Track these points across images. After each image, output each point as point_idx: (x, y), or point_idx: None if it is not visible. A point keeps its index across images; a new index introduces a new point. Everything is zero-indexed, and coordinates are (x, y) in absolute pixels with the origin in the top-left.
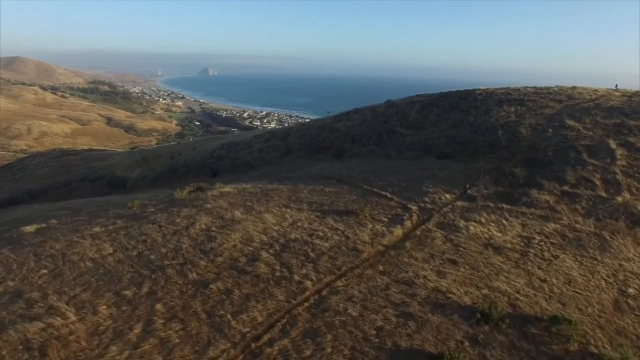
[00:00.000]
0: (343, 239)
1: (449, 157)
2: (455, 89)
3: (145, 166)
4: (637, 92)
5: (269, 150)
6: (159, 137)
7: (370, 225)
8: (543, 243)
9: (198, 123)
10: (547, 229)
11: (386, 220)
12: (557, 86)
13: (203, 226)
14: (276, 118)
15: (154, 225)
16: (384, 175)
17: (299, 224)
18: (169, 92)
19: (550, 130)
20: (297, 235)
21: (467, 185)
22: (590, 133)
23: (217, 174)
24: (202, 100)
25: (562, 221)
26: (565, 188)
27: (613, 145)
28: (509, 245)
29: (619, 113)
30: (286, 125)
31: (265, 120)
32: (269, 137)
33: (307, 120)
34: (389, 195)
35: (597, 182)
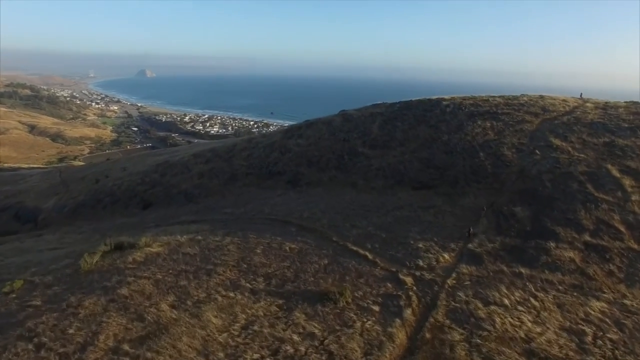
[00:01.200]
0: (324, 359)
1: (428, 188)
2: (417, 98)
3: (64, 193)
4: (607, 103)
5: (210, 175)
6: (92, 145)
7: (358, 324)
8: (600, 342)
9: (135, 129)
10: (593, 312)
11: (377, 309)
12: (525, 96)
13: (110, 343)
14: (219, 121)
15: (28, 346)
16: (355, 218)
17: (256, 327)
18: (103, 96)
19: (537, 152)
20: (256, 357)
21: (469, 233)
22: (582, 155)
23: (149, 206)
24: (139, 104)
25: (605, 295)
26: (587, 238)
27: (615, 172)
28: (556, 350)
29: (604, 130)
30: (230, 129)
31: (207, 124)
32: (211, 157)
33: (251, 122)
34: (369, 256)
35: (621, 228)
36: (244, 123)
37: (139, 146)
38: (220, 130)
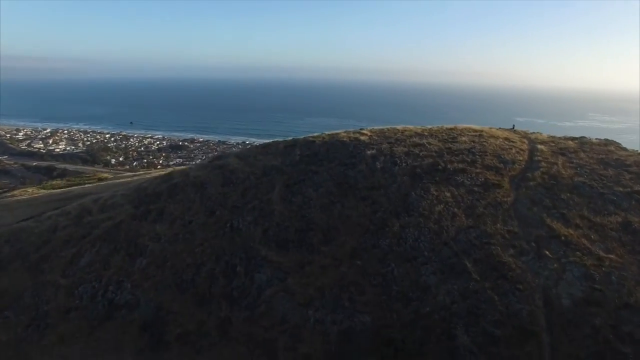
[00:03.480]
0: None
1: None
2: (318, 135)
3: None
4: (559, 144)
5: None
6: None
7: None
8: None
9: None
10: None
11: None
12: (442, 127)
13: None
14: (66, 136)
15: None
16: None
17: None
18: None
19: (547, 253)
20: None
21: None
22: (613, 257)
23: None
24: None
25: None
26: None
27: None
28: None
29: (601, 198)
30: (81, 145)
31: (50, 141)
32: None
33: (107, 135)
34: None
35: None
36: (97, 137)
37: None
38: (67, 148)
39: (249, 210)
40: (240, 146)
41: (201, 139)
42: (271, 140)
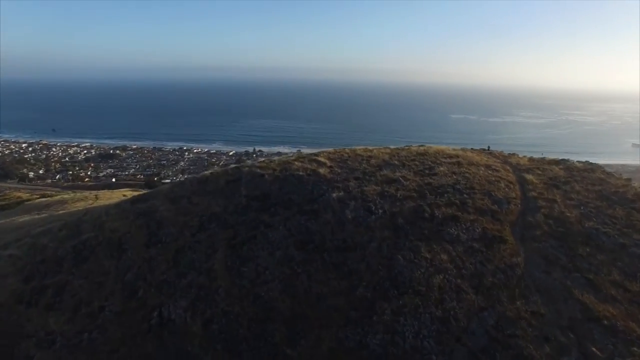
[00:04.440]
0: None
1: None
2: (270, 171)
3: None
4: (541, 169)
5: None
6: None
7: None
8: None
9: None
10: None
11: None
12: (411, 150)
13: None
14: None
15: None
16: None
17: None
18: None
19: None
20: None
21: None
22: None
23: None
24: None
25: None
26: None
27: None
28: None
29: (622, 249)
30: None
31: None
32: None
33: (24, 145)
34: None
35: None
36: (11, 147)
37: None
38: None
39: (184, 288)
40: (177, 152)
41: (134, 146)
42: (209, 173)
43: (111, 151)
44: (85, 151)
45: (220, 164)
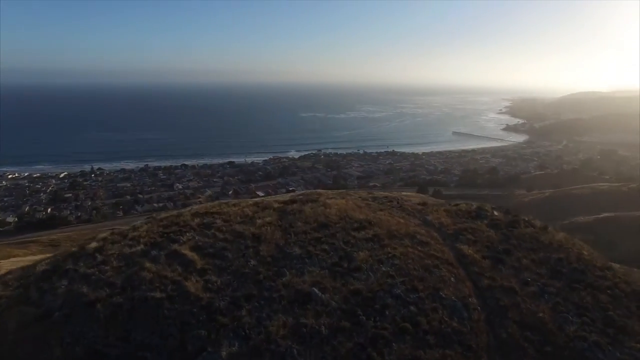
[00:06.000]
0: None
1: None
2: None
3: None
4: (481, 213)
5: None
6: None
7: None
8: None
9: None
10: None
11: None
12: (312, 205)
13: None
14: None
15: None
16: None
17: None
18: None
19: None
20: None
21: None
22: None
23: None
24: None
25: None
26: None
27: None
28: None
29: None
30: None
31: None
32: None
33: None
34: None
35: None
36: None
37: None
38: None
39: None
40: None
41: None
42: None
43: None
44: None
45: (49, 190)
